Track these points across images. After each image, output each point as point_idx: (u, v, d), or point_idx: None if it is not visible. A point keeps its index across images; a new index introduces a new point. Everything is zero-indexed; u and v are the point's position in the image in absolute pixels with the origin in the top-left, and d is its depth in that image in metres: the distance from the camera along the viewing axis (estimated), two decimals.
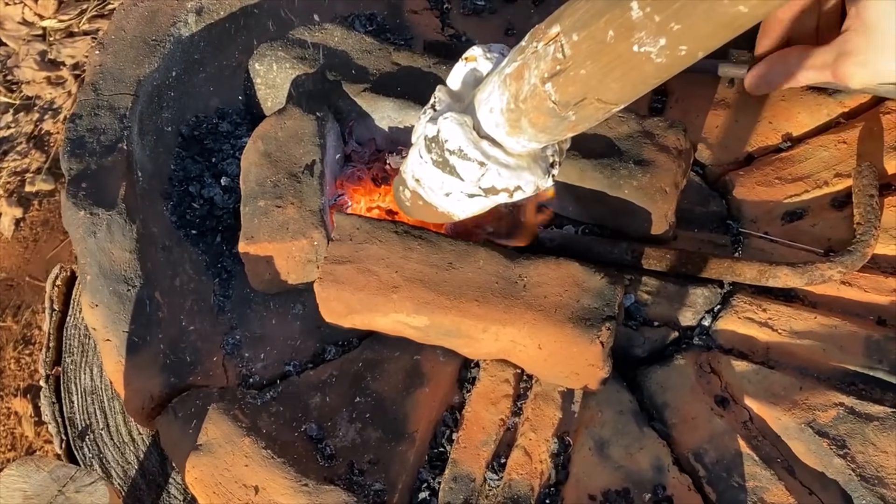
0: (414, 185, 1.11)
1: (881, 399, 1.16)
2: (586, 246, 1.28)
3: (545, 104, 0.90)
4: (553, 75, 0.87)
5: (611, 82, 0.83)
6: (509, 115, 0.97)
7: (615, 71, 0.81)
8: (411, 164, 1.11)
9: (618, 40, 0.78)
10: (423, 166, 1.07)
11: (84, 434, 1.30)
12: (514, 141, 1.00)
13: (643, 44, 0.76)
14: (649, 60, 0.77)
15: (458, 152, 1.01)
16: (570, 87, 0.86)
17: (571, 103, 0.88)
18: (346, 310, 1.19)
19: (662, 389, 1.20)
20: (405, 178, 1.13)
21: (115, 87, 1.37)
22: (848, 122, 1.43)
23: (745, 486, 1.11)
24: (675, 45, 0.75)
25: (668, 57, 0.76)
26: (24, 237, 1.90)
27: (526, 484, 1.11)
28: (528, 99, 0.92)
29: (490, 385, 1.20)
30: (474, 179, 1.02)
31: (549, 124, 0.93)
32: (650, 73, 0.80)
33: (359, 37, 1.41)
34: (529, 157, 1.03)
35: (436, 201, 1.10)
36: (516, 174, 1.02)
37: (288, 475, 1.08)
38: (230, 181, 1.39)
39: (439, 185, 1.07)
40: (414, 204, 1.14)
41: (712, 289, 1.28)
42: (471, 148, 1.00)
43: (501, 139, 1.01)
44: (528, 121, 0.95)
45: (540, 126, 0.95)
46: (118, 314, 1.22)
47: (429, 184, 1.08)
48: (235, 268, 1.33)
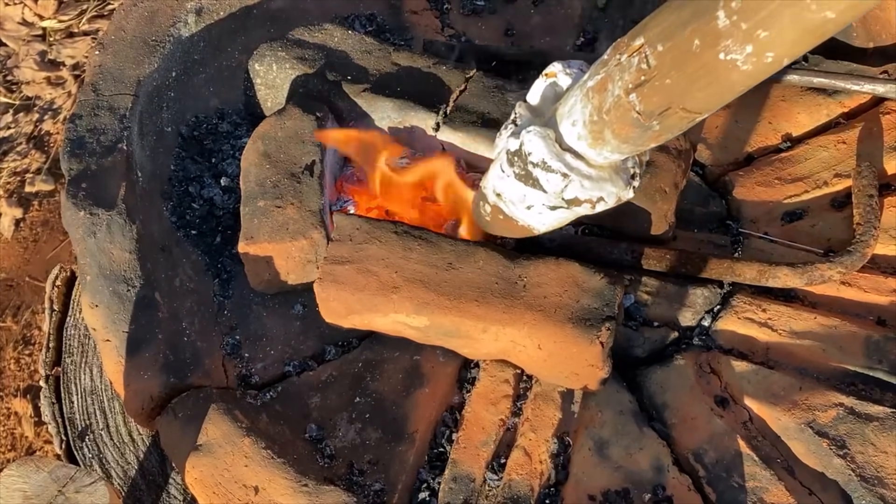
0: (495, 199, 1.12)
1: (881, 399, 1.16)
2: (586, 246, 1.28)
3: (629, 115, 0.90)
4: (637, 86, 0.87)
5: (696, 91, 0.83)
6: (592, 126, 0.97)
7: (701, 80, 0.82)
8: (492, 179, 1.12)
9: (703, 49, 0.78)
10: (505, 180, 1.08)
11: (84, 434, 1.30)
12: (597, 153, 1.00)
13: (729, 52, 0.76)
14: (735, 68, 0.77)
15: (541, 164, 1.02)
16: (655, 97, 0.87)
17: (656, 113, 0.88)
18: (346, 310, 1.19)
19: (662, 390, 1.20)
20: (486, 194, 1.15)
21: (115, 87, 1.37)
22: (847, 122, 1.43)
23: (744, 487, 1.11)
24: (761, 52, 0.75)
25: (754, 64, 0.76)
26: (24, 237, 1.90)
27: (526, 484, 1.11)
28: (612, 110, 0.92)
29: (490, 385, 1.20)
30: (557, 191, 1.03)
31: (633, 134, 0.94)
32: (736, 80, 0.80)
33: (359, 37, 1.41)
34: (611, 168, 1.03)
35: (517, 214, 1.11)
36: (599, 185, 1.03)
37: (288, 475, 1.08)
38: (230, 181, 1.39)
39: (521, 198, 1.08)
40: (494, 218, 1.16)
41: (712, 289, 1.28)
42: (554, 160, 1.01)
43: (584, 151, 1.01)
44: (611, 132, 0.95)
45: (623, 136, 0.95)
46: (118, 314, 1.22)
47: (510, 197, 1.09)
48: (235, 268, 1.33)
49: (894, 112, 1.38)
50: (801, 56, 0.76)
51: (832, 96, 1.44)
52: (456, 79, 1.35)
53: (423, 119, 1.34)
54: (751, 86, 0.82)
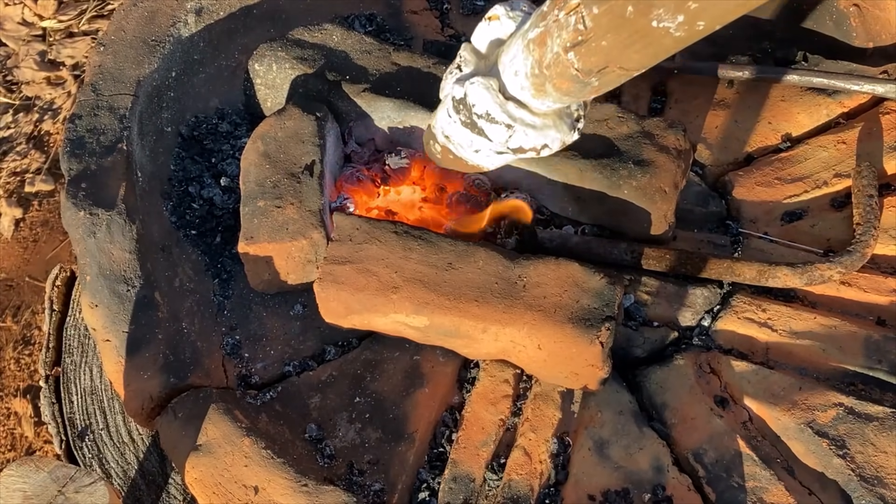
0: (444, 140, 1.15)
1: (881, 399, 1.16)
2: (586, 246, 1.28)
3: (568, 71, 0.92)
4: (575, 45, 0.89)
5: (632, 53, 0.85)
6: (534, 79, 0.99)
7: (636, 44, 0.83)
8: (440, 121, 1.15)
9: (637, 16, 0.79)
10: (452, 125, 1.11)
11: (84, 434, 1.30)
12: (540, 102, 1.03)
13: (662, 20, 0.77)
14: (668, 34, 0.79)
15: (485, 116, 1.04)
16: (593, 56, 0.88)
17: (594, 71, 0.90)
18: (346, 310, 1.19)
19: (662, 390, 1.20)
20: (435, 134, 1.17)
21: (115, 87, 1.37)
22: (847, 122, 1.43)
23: (744, 486, 1.11)
24: (693, 21, 0.76)
25: (686, 31, 0.78)
26: (23, 237, 1.90)
27: (525, 484, 1.11)
28: (552, 66, 0.94)
29: (490, 385, 1.20)
30: (502, 140, 1.06)
31: (573, 89, 0.96)
32: (669, 45, 0.82)
33: (358, 37, 1.41)
34: (555, 114, 1.06)
35: (465, 156, 1.14)
36: (542, 133, 1.05)
37: (288, 475, 1.08)
38: (230, 181, 1.39)
39: (468, 143, 1.11)
40: (445, 157, 1.19)
41: (712, 289, 1.28)
42: (498, 111, 1.03)
43: (527, 101, 1.03)
44: (552, 85, 0.97)
45: (564, 90, 0.97)
46: (118, 314, 1.22)
47: (458, 141, 1.12)
48: (235, 268, 1.33)
49: (894, 112, 1.39)
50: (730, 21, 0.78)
51: (832, 96, 1.44)
52: None
53: (423, 119, 1.34)
54: (683, 47, 0.84)
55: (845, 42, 1.53)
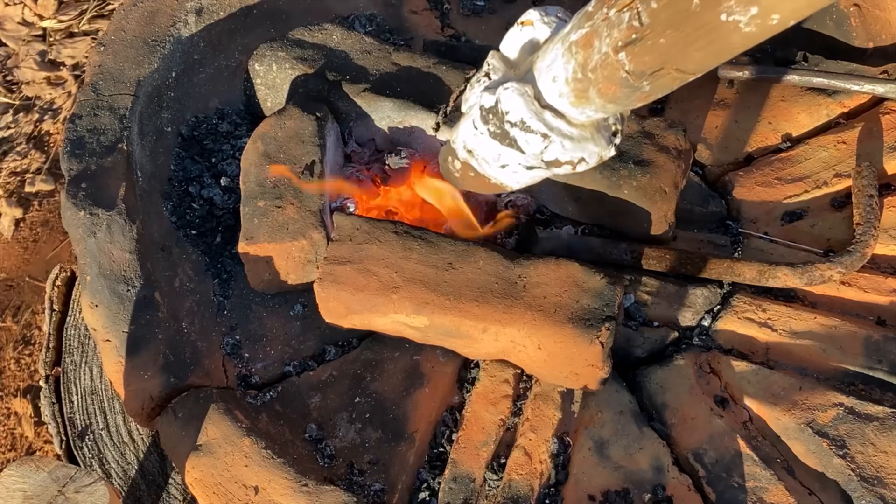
0: (465, 156, 1.07)
1: (881, 399, 1.16)
2: (586, 246, 1.28)
3: (617, 74, 0.85)
4: (628, 44, 0.82)
5: (693, 52, 0.78)
6: (576, 84, 0.92)
7: (699, 40, 0.76)
8: (463, 134, 1.06)
9: (704, 9, 0.73)
10: (478, 137, 1.03)
11: (84, 434, 1.30)
12: (579, 111, 0.95)
13: (732, 12, 0.71)
14: (737, 30, 0.73)
15: (520, 124, 0.96)
16: (647, 56, 0.82)
17: (647, 73, 0.83)
18: (346, 310, 1.19)
19: (662, 390, 1.20)
20: (455, 149, 1.09)
21: (115, 87, 1.37)
22: (847, 122, 1.43)
23: (744, 486, 1.11)
24: (767, 13, 0.71)
25: (758, 26, 0.72)
26: (24, 237, 1.90)
27: (526, 484, 1.11)
28: (599, 68, 0.87)
29: (490, 385, 1.20)
30: (537, 152, 0.98)
31: (620, 94, 0.89)
32: (736, 42, 0.75)
33: (358, 37, 1.41)
34: (593, 126, 0.98)
35: (490, 173, 1.06)
36: (580, 146, 0.98)
37: (288, 475, 1.08)
38: (230, 181, 1.39)
39: (495, 157, 1.02)
40: (464, 175, 1.10)
41: (712, 289, 1.28)
42: (534, 119, 0.96)
43: (564, 109, 0.96)
44: (596, 91, 0.90)
45: (610, 96, 0.90)
46: (118, 314, 1.22)
47: (483, 155, 1.04)
48: (235, 268, 1.33)
49: (894, 112, 1.39)
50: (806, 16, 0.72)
51: (832, 96, 1.44)
52: (456, 79, 1.35)
53: (423, 119, 1.34)
54: (751, 46, 0.77)
55: (845, 42, 1.53)
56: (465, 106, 1.07)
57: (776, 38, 0.74)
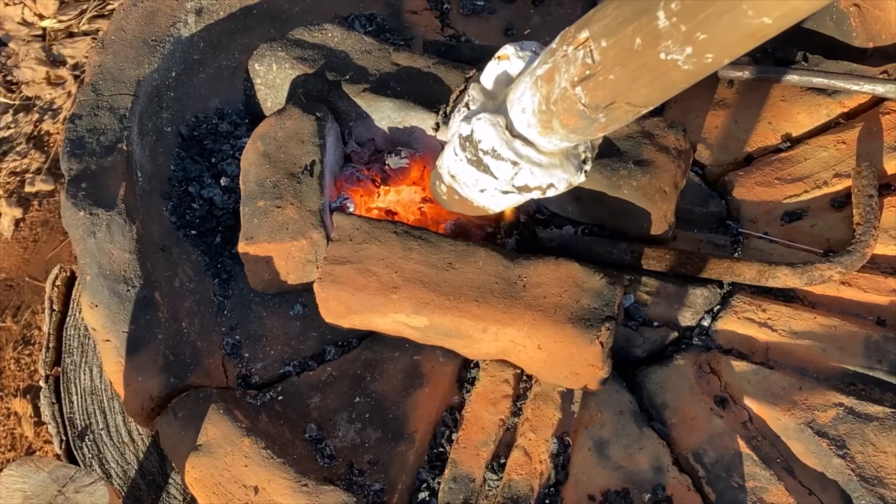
0: (450, 180, 1.15)
1: (881, 399, 1.16)
2: (586, 246, 1.28)
3: (575, 107, 0.92)
4: (583, 79, 0.89)
5: (639, 87, 0.85)
6: (541, 116, 0.99)
7: (643, 77, 0.83)
8: (447, 160, 1.14)
9: (645, 48, 0.80)
10: (458, 164, 1.10)
11: (84, 434, 1.30)
12: (546, 140, 1.02)
13: (670, 52, 0.78)
14: (676, 67, 0.79)
15: (491, 152, 1.04)
16: (600, 91, 0.89)
17: (601, 106, 0.90)
18: (346, 310, 1.19)
19: (662, 390, 1.20)
20: (441, 174, 1.17)
21: (115, 87, 1.37)
22: (847, 122, 1.43)
23: (744, 486, 1.11)
24: (701, 53, 0.76)
25: (694, 65, 0.78)
26: (23, 237, 1.90)
27: (525, 484, 1.11)
28: (559, 101, 0.94)
29: (490, 385, 1.20)
30: (507, 178, 1.05)
31: (580, 125, 0.96)
32: (677, 79, 0.82)
33: (358, 37, 1.41)
34: (562, 154, 1.05)
35: (471, 196, 1.14)
36: (549, 172, 1.05)
37: (288, 475, 1.08)
38: (230, 181, 1.39)
39: (474, 181, 1.10)
40: (451, 198, 1.18)
41: (712, 289, 1.28)
42: (504, 148, 1.03)
43: (534, 138, 1.03)
44: (559, 122, 0.97)
45: (571, 127, 0.97)
46: (118, 314, 1.22)
47: (464, 180, 1.12)
48: (235, 268, 1.33)
49: (894, 112, 1.39)
50: (740, 55, 0.78)
51: (832, 96, 1.44)
52: (456, 79, 1.35)
53: (423, 119, 1.34)
54: (692, 83, 0.84)
55: (845, 42, 1.53)
56: (449, 133, 1.14)
57: (776, 38, 0.75)
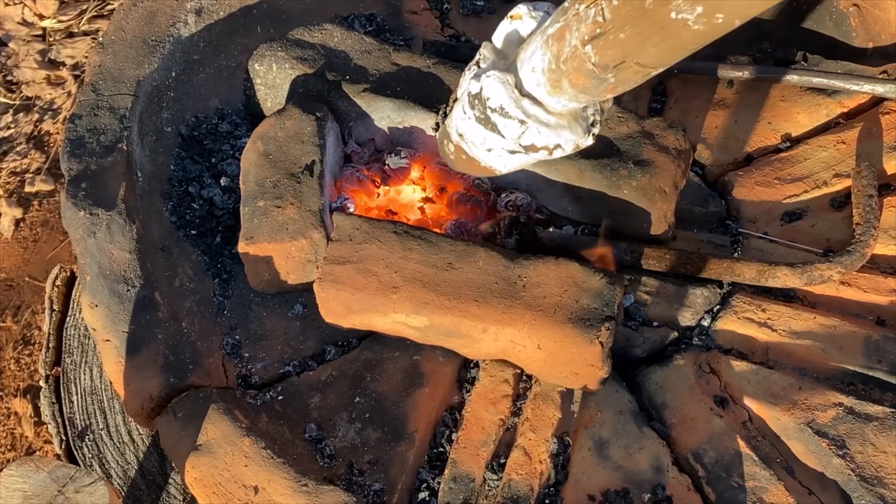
0: (458, 139, 1.13)
1: (880, 399, 1.16)
2: (586, 246, 1.28)
3: (585, 66, 0.91)
4: (593, 38, 0.88)
5: (649, 47, 0.84)
6: (550, 75, 0.98)
7: (654, 36, 0.82)
8: (455, 118, 1.13)
9: (656, 6, 0.79)
10: (466, 122, 1.09)
11: (84, 434, 1.30)
12: (555, 100, 1.01)
13: (681, 11, 0.76)
14: (686, 27, 0.78)
15: (499, 110, 1.03)
16: (610, 50, 0.88)
17: (611, 66, 0.89)
18: (346, 310, 1.19)
19: (662, 390, 1.20)
20: (449, 133, 1.16)
21: (115, 87, 1.37)
22: (847, 122, 1.43)
23: (744, 486, 1.11)
24: (711, 13, 0.75)
25: (704, 24, 0.77)
26: (23, 237, 1.90)
27: (525, 484, 1.11)
28: (569, 60, 0.93)
29: (489, 385, 1.20)
30: (515, 137, 1.04)
31: (589, 85, 0.95)
32: (687, 39, 0.81)
33: (358, 37, 1.41)
34: (570, 115, 1.04)
35: (478, 156, 1.12)
36: (556, 132, 1.04)
37: (288, 475, 1.08)
38: (230, 181, 1.39)
39: (481, 140, 1.09)
40: (458, 157, 1.17)
41: (712, 289, 1.28)
42: (512, 106, 1.02)
43: (542, 98, 1.02)
44: (568, 81, 0.96)
45: (580, 87, 0.96)
46: (118, 314, 1.22)
47: (471, 139, 1.10)
48: (235, 268, 1.33)
49: (894, 112, 1.39)
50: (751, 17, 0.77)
51: (832, 96, 1.44)
52: (456, 79, 1.35)
53: (423, 119, 1.34)
54: (702, 44, 0.82)
55: (845, 42, 1.53)
56: (458, 92, 1.13)
57: (776, 38, 0.75)
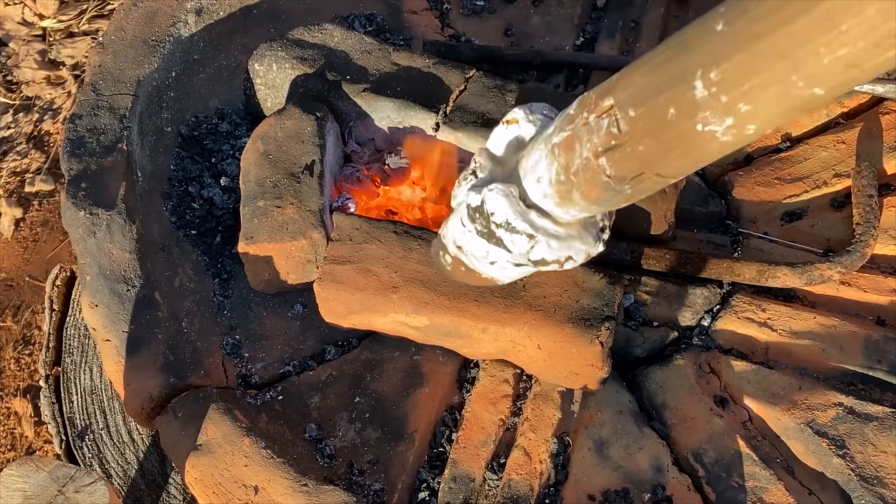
0: (456, 251, 1.06)
1: (880, 399, 1.16)
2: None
3: (599, 178, 0.85)
4: (608, 150, 0.82)
5: (671, 159, 0.79)
6: (559, 186, 0.92)
7: (677, 149, 0.77)
8: (452, 230, 1.06)
9: (680, 119, 0.73)
10: (466, 235, 1.02)
11: (84, 434, 1.30)
12: (564, 211, 0.95)
13: (708, 123, 0.71)
14: (714, 139, 0.72)
15: (505, 225, 0.96)
16: (627, 162, 0.82)
17: (628, 178, 0.84)
18: (346, 310, 1.19)
19: (662, 390, 1.20)
20: (446, 245, 1.08)
21: (115, 87, 1.37)
22: (847, 122, 1.43)
23: (744, 486, 1.11)
24: (742, 124, 0.70)
25: (734, 136, 0.72)
26: (23, 237, 1.90)
27: (525, 484, 1.11)
28: (580, 172, 0.87)
29: (489, 385, 1.20)
30: (523, 252, 0.98)
31: (603, 197, 0.89)
32: (714, 150, 0.75)
33: (358, 37, 1.41)
34: (579, 224, 0.98)
35: (479, 268, 1.05)
36: (567, 244, 0.97)
37: (288, 475, 1.08)
38: (230, 181, 1.39)
39: (483, 254, 1.02)
40: (455, 269, 1.10)
41: (712, 289, 1.28)
42: (518, 220, 0.95)
43: (550, 209, 0.96)
44: (579, 193, 0.90)
45: (593, 198, 0.90)
46: (118, 314, 1.22)
47: (472, 252, 1.04)
48: (235, 268, 1.33)
49: (894, 112, 1.39)
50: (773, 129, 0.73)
51: None
52: (456, 79, 1.35)
53: (423, 119, 1.34)
54: (729, 153, 0.77)
55: None
56: (454, 202, 1.06)
57: None
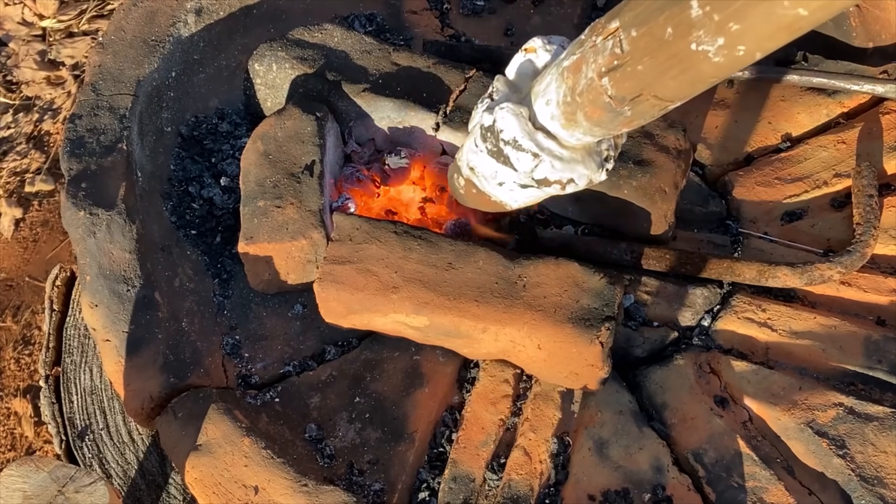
0: (468, 173, 1.12)
1: (881, 399, 1.16)
2: (586, 246, 1.28)
3: (601, 98, 0.90)
4: (610, 70, 0.87)
5: (668, 80, 0.83)
6: (565, 107, 0.97)
7: (673, 69, 0.81)
8: (466, 152, 1.12)
9: (676, 38, 0.78)
10: (478, 155, 1.08)
11: (84, 434, 1.30)
12: (569, 134, 1.00)
13: (701, 42, 0.75)
14: (707, 59, 0.77)
15: (512, 143, 1.02)
16: (627, 82, 0.87)
17: (627, 98, 0.88)
18: (346, 310, 1.19)
19: (662, 390, 1.20)
20: (460, 167, 1.14)
21: (115, 87, 1.37)
22: (847, 122, 1.43)
23: (744, 486, 1.11)
24: (733, 45, 0.74)
25: (725, 57, 0.76)
26: (23, 237, 1.90)
27: (525, 484, 1.11)
28: (585, 92, 0.92)
29: (490, 385, 1.20)
30: (527, 170, 1.03)
31: (605, 118, 0.94)
32: (707, 72, 0.80)
33: (358, 37, 1.41)
34: (584, 150, 1.03)
35: (489, 190, 1.11)
36: (570, 167, 1.02)
37: (288, 475, 1.08)
38: (230, 181, 1.39)
39: (493, 174, 1.07)
40: (468, 192, 1.16)
41: (712, 289, 1.28)
42: (525, 139, 1.01)
43: (556, 131, 1.01)
44: (583, 114, 0.95)
45: (595, 120, 0.95)
46: (118, 314, 1.22)
47: (482, 172, 1.09)
48: (235, 268, 1.33)
49: (894, 112, 1.39)
50: (773, 50, 0.76)
51: (832, 96, 1.44)
52: (456, 79, 1.35)
53: (423, 119, 1.34)
54: (722, 77, 0.82)
55: (845, 42, 1.53)
56: (470, 125, 1.12)
57: None
